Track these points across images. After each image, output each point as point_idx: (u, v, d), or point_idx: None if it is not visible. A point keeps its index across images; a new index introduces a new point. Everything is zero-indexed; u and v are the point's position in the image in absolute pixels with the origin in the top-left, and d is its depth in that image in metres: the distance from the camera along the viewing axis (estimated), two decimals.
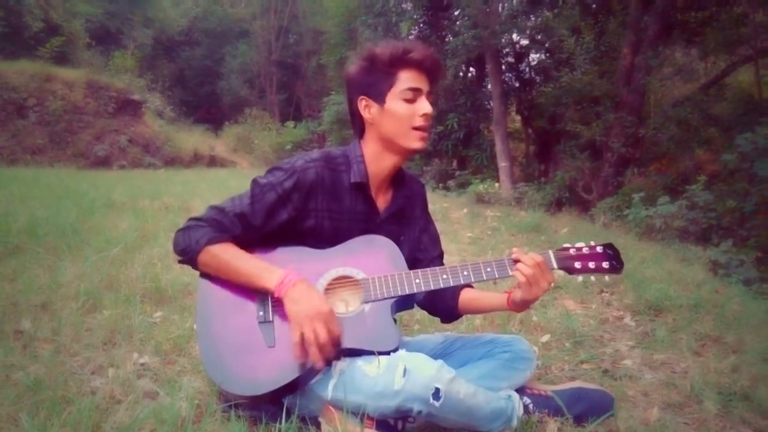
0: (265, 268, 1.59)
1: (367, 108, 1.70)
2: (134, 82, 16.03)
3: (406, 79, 1.66)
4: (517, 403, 1.72)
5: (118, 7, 19.90)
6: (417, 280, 1.65)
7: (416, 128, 1.68)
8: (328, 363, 1.54)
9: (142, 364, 2.06)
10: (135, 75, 16.71)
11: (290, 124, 20.17)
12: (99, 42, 17.75)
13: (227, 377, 1.54)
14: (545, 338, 2.64)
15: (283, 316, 1.58)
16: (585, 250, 1.70)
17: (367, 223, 1.76)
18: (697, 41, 10.33)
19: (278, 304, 1.59)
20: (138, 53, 18.24)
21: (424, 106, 1.68)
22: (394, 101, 1.66)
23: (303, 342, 1.50)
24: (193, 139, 16.79)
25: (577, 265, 1.68)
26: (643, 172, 9.19)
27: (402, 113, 1.66)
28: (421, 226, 1.92)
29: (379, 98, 1.68)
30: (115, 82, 14.64)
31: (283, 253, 1.69)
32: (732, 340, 2.70)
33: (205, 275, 1.67)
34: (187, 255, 1.63)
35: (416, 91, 1.67)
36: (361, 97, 1.71)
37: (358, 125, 1.77)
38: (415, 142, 1.69)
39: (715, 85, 10.38)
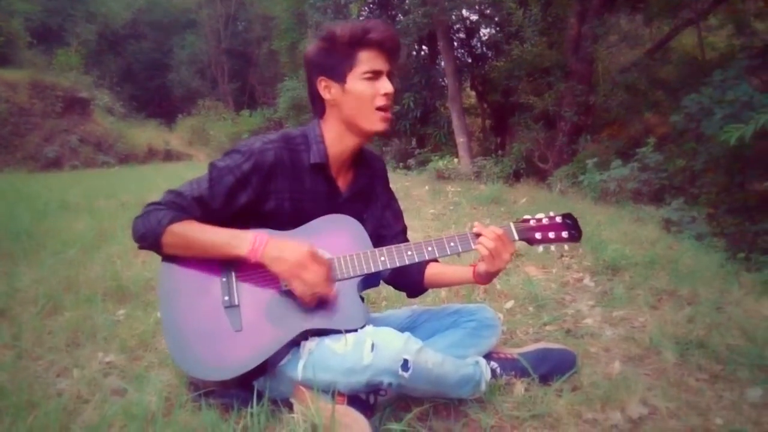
0: (232, 236, 1.57)
1: (327, 89, 1.68)
2: (80, 79, 15.52)
3: (367, 60, 1.65)
4: (485, 368, 1.77)
5: (58, 4, 19.15)
6: (382, 258, 1.66)
7: (379, 108, 1.67)
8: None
9: (108, 363, 2.04)
10: (81, 72, 16.15)
11: (245, 112, 19.89)
12: (41, 41, 17.06)
13: (195, 363, 1.53)
14: (509, 304, 2.70)
15: (250, 298, 1.58)
16: (545, 221, 1.74)
17: (329, 203, 1.75)
18: (641, 7, 10.54)
19: (244, 281, 1.60)
20: (82, 50, 17.61)
21: (385, 85, 1.67)
22: (356, 81, 1.65)
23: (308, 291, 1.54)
24: (146, 134, 16.44)
25: (538, 235, 1.73)
26: (596, 139, 9.37)
27: (364, 93, 1.65)
28: (383, 203, 1.93)
29: (340, 79, 1.66)
30: (60, 80, 14.19)
31: None
32: (686, 292, 2.82)
33: (167, 258, 1.63)
34: (149, 239, 1.58)
35: (377, 72, 1.66)
36: (321, 77, 1.68)
37: (318, 106, 1.75)
38: (378, 123, 1.68)
39: (660, 49, 10.62)
